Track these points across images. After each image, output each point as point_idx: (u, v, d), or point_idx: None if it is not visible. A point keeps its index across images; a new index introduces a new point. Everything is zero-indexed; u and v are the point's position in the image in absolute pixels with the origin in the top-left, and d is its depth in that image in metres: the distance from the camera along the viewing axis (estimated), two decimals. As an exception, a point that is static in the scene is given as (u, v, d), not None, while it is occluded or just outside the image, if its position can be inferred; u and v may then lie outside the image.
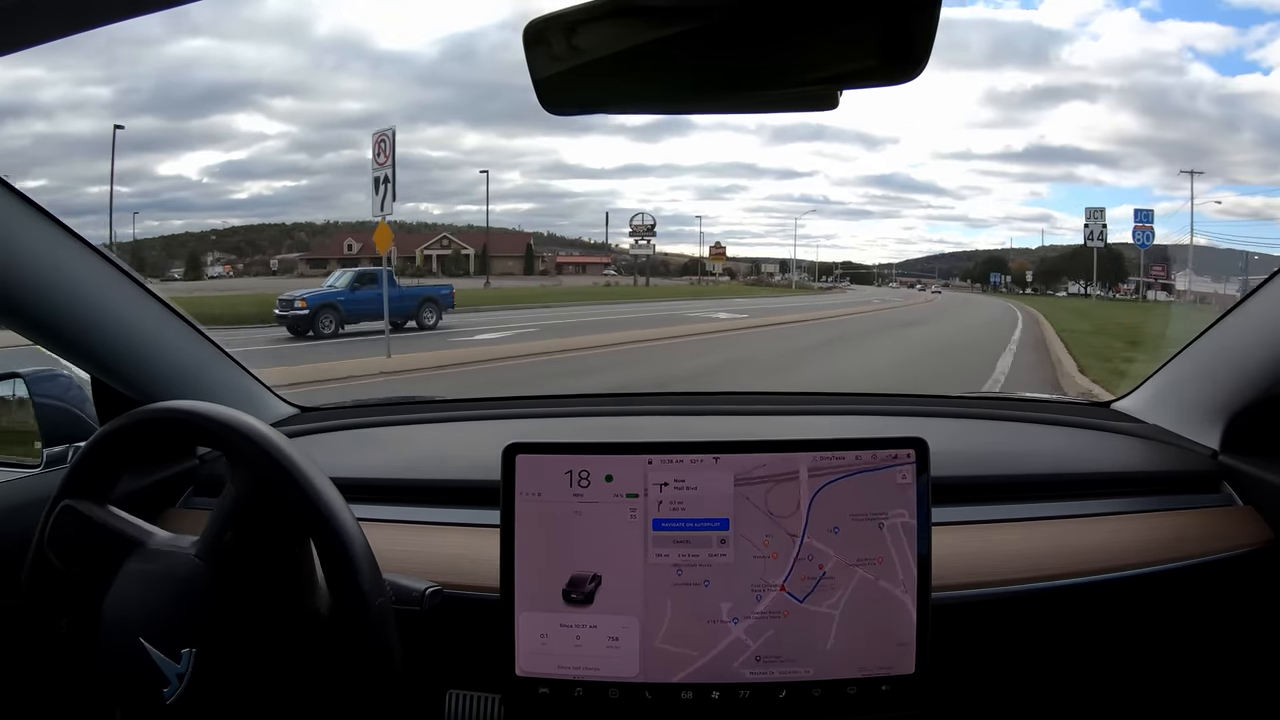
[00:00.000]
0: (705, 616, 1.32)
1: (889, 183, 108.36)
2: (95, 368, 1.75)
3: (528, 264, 53.66)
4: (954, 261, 77.78)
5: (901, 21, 0.81)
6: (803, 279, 63.53)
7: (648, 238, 51.44)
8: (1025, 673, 1.61)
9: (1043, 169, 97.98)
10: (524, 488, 1.33)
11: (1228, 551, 1.61)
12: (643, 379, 11.64)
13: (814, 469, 1.33)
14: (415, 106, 79.57)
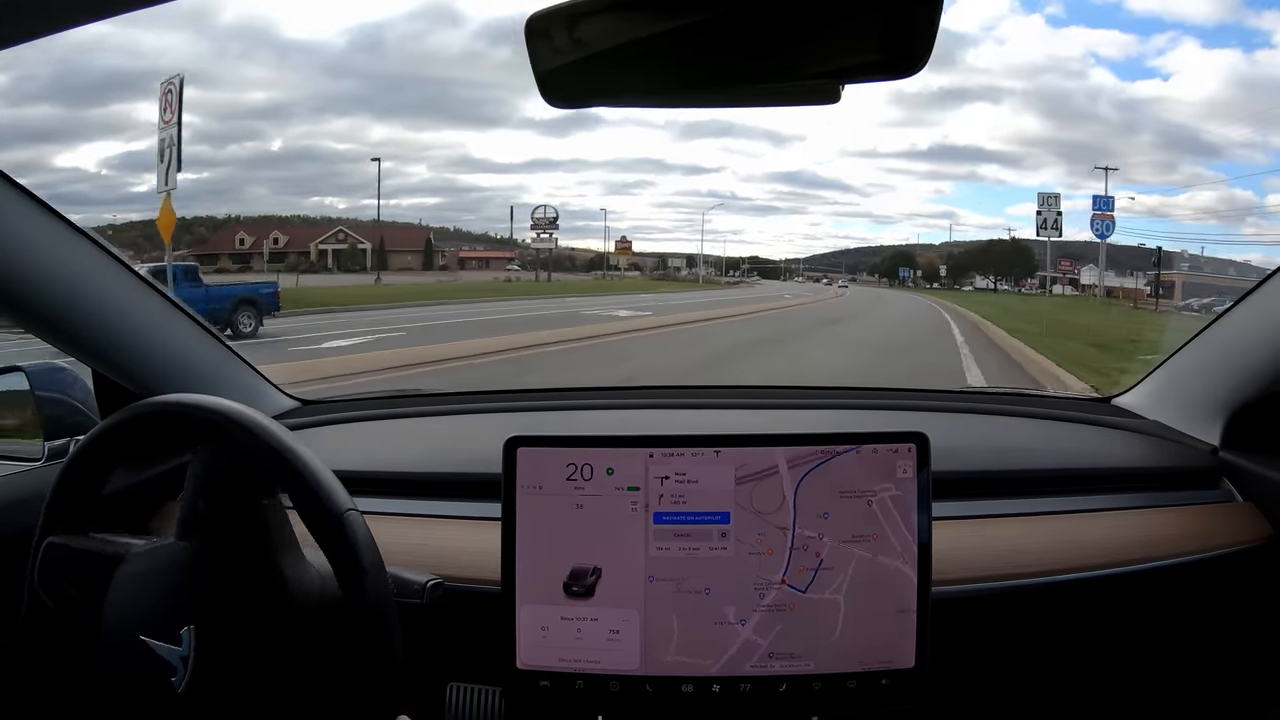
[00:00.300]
0: (712, 619, 1.33)
1: (796, 179, 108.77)
2: (96, 361, 1.75)
3: (427, 259, 52.94)
4: (860, 257, 78.01)
5: (903, 16, 0.82)
6: (710, 274, 63.39)
7: (550, 231, 50.83)
8: (1024, 667, 1.61)
9: (947, 167, 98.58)
10: (525, 480, 1.34)
11: (1227, 548, 1.61)
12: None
13: (792, 460, 1.34)
14: (321, 98, 78.96)
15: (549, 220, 50.47)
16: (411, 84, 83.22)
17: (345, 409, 2.24)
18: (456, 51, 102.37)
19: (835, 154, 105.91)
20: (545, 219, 50.42)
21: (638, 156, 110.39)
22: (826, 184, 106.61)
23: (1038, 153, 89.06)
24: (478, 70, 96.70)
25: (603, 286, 48.58)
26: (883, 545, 1.33)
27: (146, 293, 1.74)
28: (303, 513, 1.18)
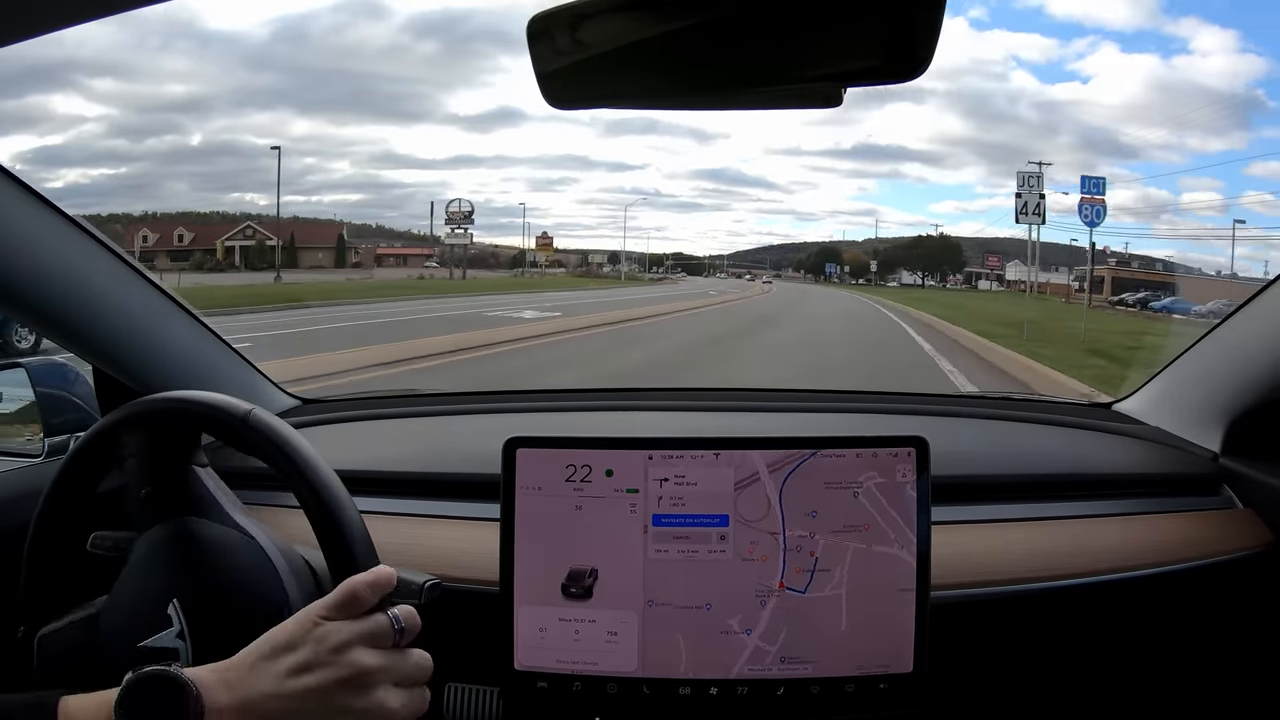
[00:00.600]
0: (717, 630, 1.33)
1: (720, 176, 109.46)
2: (96, 358, 1.75)
3: (339, 256, 52.15)
4: (784, 253, 78.22)
5: (906, 20, 0.82)
6: (634, 270, 62.97)
7: (465, 226, 50.29)
8: (1023, 673, 1.61)
9: (870, 166, 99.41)
10: (524, 481, 1.34)
11: (1227, 554, 1.61)
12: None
13: (772, 464, 1.34)
14: (243, 91, 78.51)
15: (464, 215, 50.03)
16: (334, 78, 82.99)
17: (344, 408, 2.24)
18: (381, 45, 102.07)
19: (760, 151, 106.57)
20: (460, 213, 50.03)
21: (562, 153, 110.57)
22: (751, 181, 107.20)
23: (960, 152, 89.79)
24: (402, 65, 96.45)
25: (520, 284, 47.32)
26: (875, 535, 1.33)
27: (147, 289, 1.74)
28: (305, 507, 1.19)
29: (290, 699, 0.94)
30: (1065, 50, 71.07)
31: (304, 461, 1.20)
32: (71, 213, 1.52)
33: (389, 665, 0.99)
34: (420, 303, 28.07)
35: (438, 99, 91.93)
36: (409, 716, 1.01)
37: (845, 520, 1.33)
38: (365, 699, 0.96)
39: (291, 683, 0.95)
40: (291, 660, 0.96)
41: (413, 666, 1.03)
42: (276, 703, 0.94)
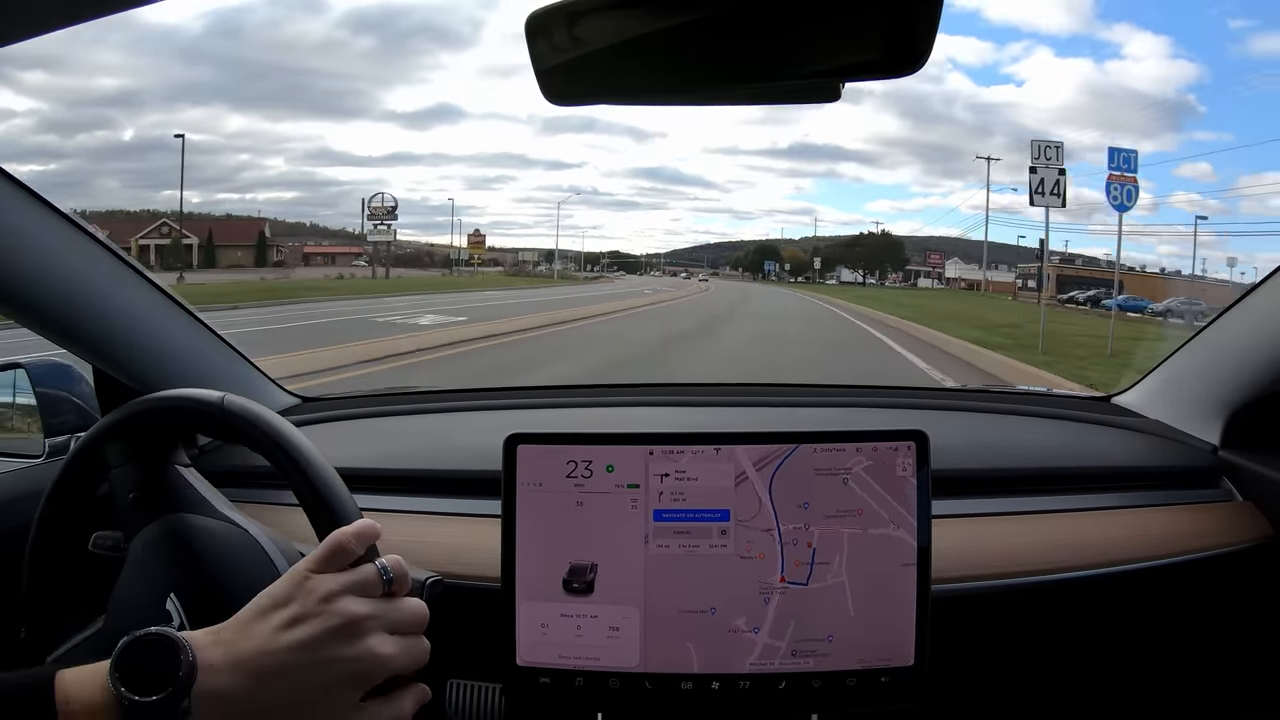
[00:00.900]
0: (725, 629, 1.33)
1: (658, 175, 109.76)
2: (96, 358, 1.75)
3: (260, 254, 51.51)
4: (721, 251, 78.86)
5: (904, 14, 0.82)
6: (568, 269, 62.74)
7: (388, 222, 49.61)
8: (1023, 666, 1.62)
9: (806, 165, 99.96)
10: (525, 478, 1.33)
11: (1227, 547, 1.62)
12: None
13: (758, 462, 1.34)
14: (176, 85, 77.98)
15: (387, 210, 49.08)
16: (270, 72, 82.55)
17: (345, 406, 2.24)
18: (317, 40, 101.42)
19: (697, 150, 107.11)
20: (383, 209, 49.07)
21: (499, 151, 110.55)
22: (688, 180, 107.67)
23: (895, 152, 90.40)
24: (339, 60, 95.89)
25: (445, 284, 45.70)
26: (870, 518, 1.33)
27: (147, 289, 1.74)
28: (291, 485, 1.19)
29: (282, 652, 0.94)
30: (1001, 54, 71.62)
31: (283, 438, 1.20)
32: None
33: (379, 613, 1.00)
34: (311, 306, 26.62)
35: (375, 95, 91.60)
36: (405, 664, 1.01)
37: (838, 506, 1.32)
38: (356, 647, 0.96)
39: (283, 636, 0.95)
40: (282, 615, 0.96)
41: (405, 613, 1.03)
42: (269, 658, 0.94)
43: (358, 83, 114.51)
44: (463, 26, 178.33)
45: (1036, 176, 18.14)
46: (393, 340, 15.86)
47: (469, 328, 19.11)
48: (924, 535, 1.32)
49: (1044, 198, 18.46)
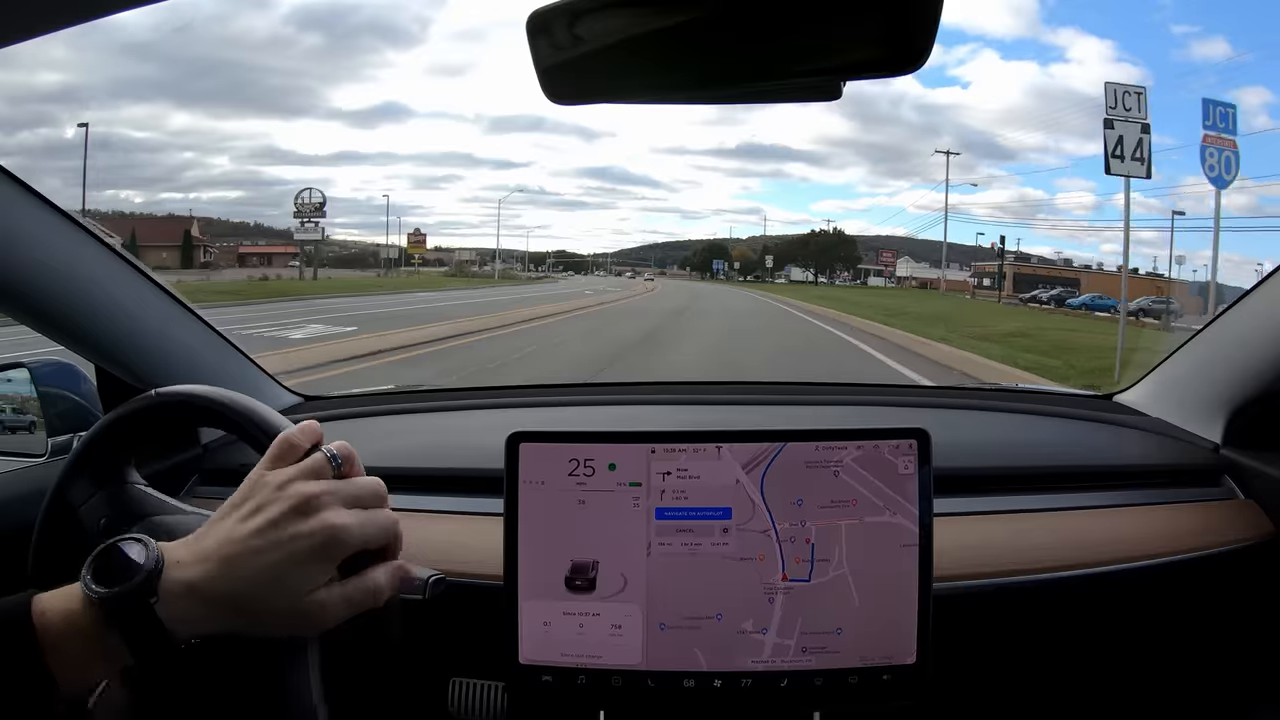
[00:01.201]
0: (734, 631, 1.33)
1: (606, 175, 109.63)
2: (99, 356, 1.76)
3: (185, 255, 50.62)
4: (668, 251, 78.83)
5: (904, 12, 0.82)
6: (509, 269, 62.25)
7: (316, 219, 47.21)
8: (1026, 664, 1.62)
9: (754, 165, 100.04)
10: (527, 476, 1.34)
11: (1228, 545, 1.62)
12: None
13: (747, 464, 1.34)
14: (120, 81, 77.30)
15: (314, 207, 46.89)
16: (216, 69, 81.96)
17: (347, 404, 2.25)
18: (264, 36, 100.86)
19: (645, 150, 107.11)
20: (310, 205, 46.86)
21: (447, 150, 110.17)
22: (636, 180, 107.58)
23: (842, 152, 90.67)
24: (285, 57, 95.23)
25: (373, 285, 43.54)
26: (864, 507, 1.33)
27: (149, 288, 1.74)
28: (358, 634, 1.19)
29: (245, 539, 0.97)
30: (947, 56, 71.93)
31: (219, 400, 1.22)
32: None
33: (332, 489, 1.03)
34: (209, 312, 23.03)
35: (321, 93, 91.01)
36: (369, 534, 1.05)
37: (831, 498, 1.32)
38: (312, 521, 0.99)
39: (244, 525, 0.98)
40: (242, 510, 1.00)
41: (358, 487, 1.07)
42: (233, 545, 0.97)
43: (304, 80, 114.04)
44: (411, 25, 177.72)
45: (1114, 134, 12.96)
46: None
47: (351, 342, 16.39)
48: (926, 533, 1.32)
49: (1124, 163, 13.09)
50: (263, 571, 0.97)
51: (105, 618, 0.92)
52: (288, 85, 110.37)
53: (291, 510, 0.99)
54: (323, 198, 48.20)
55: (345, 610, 1.02)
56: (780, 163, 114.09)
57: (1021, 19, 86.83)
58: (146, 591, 0.93)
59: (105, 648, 0.92)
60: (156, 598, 0.93)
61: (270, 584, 0.97)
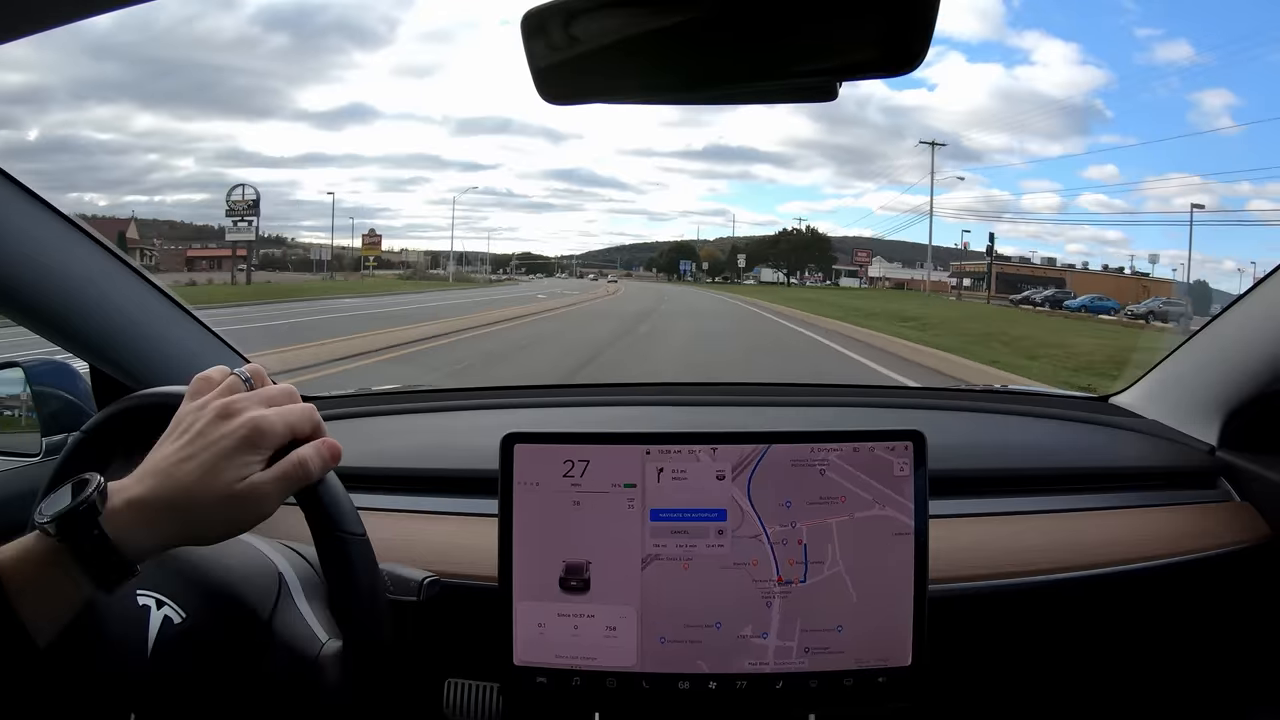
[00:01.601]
0: (734, 635, 1.33)
1: (573, 177, 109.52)
2: (93, 356, 1.75)
3: None
4: (635, 253, 78.61)
5: (901, 13, 0.82)
6: (479, 271, 61.72)
7: (250, 218, 44.32)
8: (1021, 666, 1.62)
9: (721, 167, 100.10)
10: (522, 477, 1.33)
11: (1224, 547, 1.62)
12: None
13: (733, 469, 1.34)
14: (83, 82, 76.66)
15: (248, 205, 44.07)
16: (181, 69, 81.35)
17: (342, 405, 2.24)
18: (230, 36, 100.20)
19: (612, 152, 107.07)
20: (243, 203, 44.06)
21: (414, 152, 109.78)
22: (603, 182, 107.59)
23: (808, 154, 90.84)
24: (252, 57, 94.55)
25: (315, 289, 39.93)
26: (854, 503, 1.33)
27: (144, 287, 1.74)
28: (313, 528, 1.19)
29: (177, 451, 1.04)
30: None
31: None
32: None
33: (248, 395, 1.11)
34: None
35: (288, 94, 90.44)
36: (289, 421, 1.10)
37: (820, 494, 1.33)
38: (234, 421, 1.06)
39: (175, 443, 1.06)
40: (172, 434, 1.08)
41: (272, 391, 1.13)
42: (166, 460, 1.04)
43: (270, 81, 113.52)
44: (378, 25, 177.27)
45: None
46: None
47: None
48: (922, 536, 1.32)
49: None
50: (196, 470, 1.03)
51: (57, 544, 0.97)
52: (254, 86, 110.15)
53: (215, 418, 1.06)
54: (256, 195, 46.62)
55: (278, 487, 1.07)
56: (747, 164, 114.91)
57: (988, 22, 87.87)
58: (91, 511, 0.97)
59: (63, 577, 0.97)
60: (101, 513, 0.98)
61: (205, 480, 1.03)
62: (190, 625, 1.15)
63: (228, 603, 1.19)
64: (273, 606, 1.20)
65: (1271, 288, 1.65)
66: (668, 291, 49.14)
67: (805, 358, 17.00)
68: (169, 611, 1.15)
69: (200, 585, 1.19)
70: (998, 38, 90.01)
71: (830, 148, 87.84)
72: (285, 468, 1.07)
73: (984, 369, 13.99)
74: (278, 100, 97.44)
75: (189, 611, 1.16)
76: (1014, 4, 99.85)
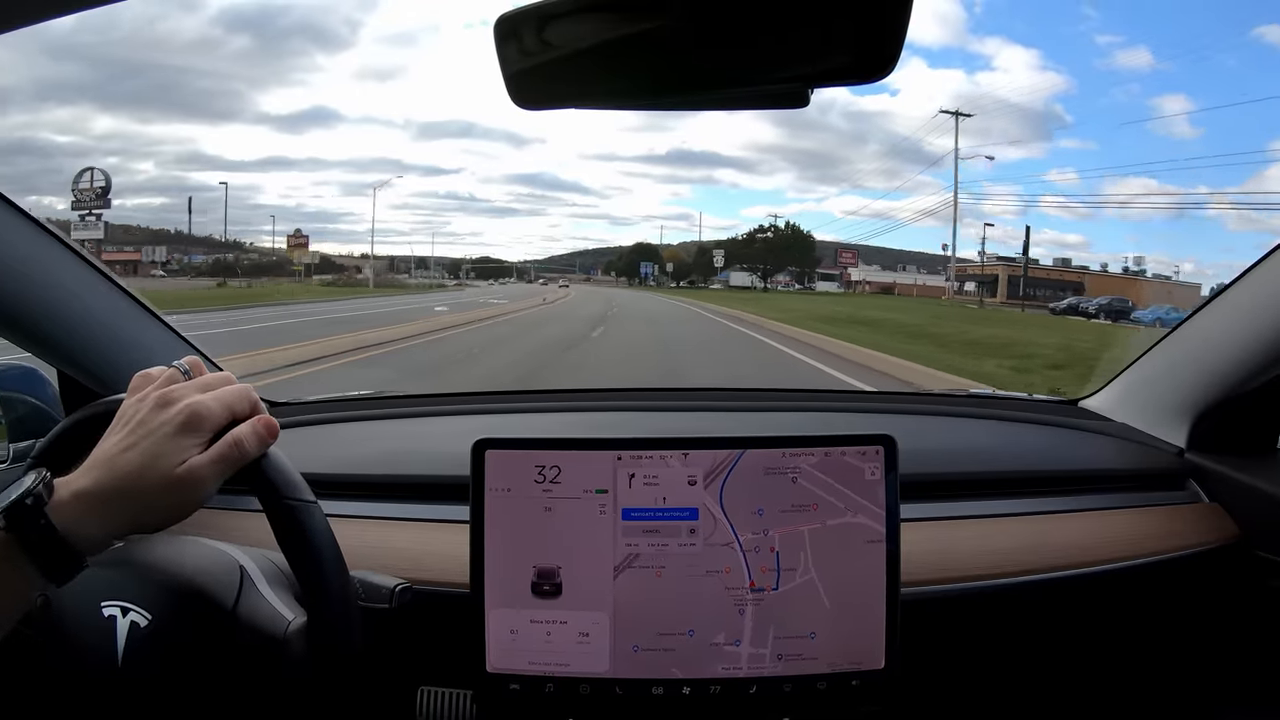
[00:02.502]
0: (707, 643, 1.33)
1: (536, 181, 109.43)
2: (61, 361, 1.74)
3: None
4: (598, 257, 77.88)
5: (873, 21, 0.82)
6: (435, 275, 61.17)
7: (98, 209, 38.28)
8: (993, 668, 1.62)
9: (684, 171, 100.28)
10: (493, 483, 1.33)
11: (1194, 548, 1.63)
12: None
13: (705, 476, 1.34)
14: (43, 83, 75.98)
15: (96, 194, 38.14)
16: (141, 70, 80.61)
17: (312, 410, 2.23)
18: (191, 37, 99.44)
19: (574, 157, 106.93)
20: (90, 191, 38.17)
21: (376, 156, 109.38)
22: (566, 186, 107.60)
23: (771, 159, 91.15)
24: (213, 59, 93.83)
25: (195, 299, 33.47)
26: (826, 510, 1.33)
27: (113, 292, 1.72)
28: (264, 504, 1.18)
29: (119, 442, 1.08)
30: None
31: (271, 465, 1.20)
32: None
33: (185, 384, 1.15)
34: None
35: (249, 97, 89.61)
36: (226, 403, 1.13)
37: (792, 503, 1.33)
38: (173, 408, 1.09)
39: (117, 435, 1.09)
40: (114, 428, 1.11)
41: (209, 378, 1.17)
42: (109, 451, 1.07)
43: (232, 83, 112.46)
44: (340, 27, 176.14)
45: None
46: None
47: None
48: (893, 539, 1.33)
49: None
50: (138, 458, 1.06)
51: (4, 536, 0.98)
52: (215, 88, 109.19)
53: (154, 408, 1.10)
54: (106, 181, 40.66)
55: (215, 469, 1.09)
56: (710, 169, 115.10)
57: (948, 28, 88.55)
58: (38, 502, 0.99)
59: (11, 570, 0.99)
60: (47, 504, 1.00)
61: (147, 467, 1.05)
62: (157, 626, 1.14)
63: (191, 598, 1.19)
64: (236, 596, 1.21)
65: (1238, 292, 1.67)
66: (618, 299, 44.59)
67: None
68: (135, 616, 1.14)
69: (163, 585, 1.18)
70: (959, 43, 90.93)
71: (793, 152, 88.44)
72: (221, 448, 1.09)
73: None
74: (239, 103, 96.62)
75: (154, 613, 1.15)
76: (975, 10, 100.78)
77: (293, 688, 1.17)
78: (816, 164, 79.19)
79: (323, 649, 1.17)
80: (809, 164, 78.83)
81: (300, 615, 1.20)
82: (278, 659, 1.16)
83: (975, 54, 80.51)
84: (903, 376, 12.83)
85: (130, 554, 1.23)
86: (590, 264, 74.15)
